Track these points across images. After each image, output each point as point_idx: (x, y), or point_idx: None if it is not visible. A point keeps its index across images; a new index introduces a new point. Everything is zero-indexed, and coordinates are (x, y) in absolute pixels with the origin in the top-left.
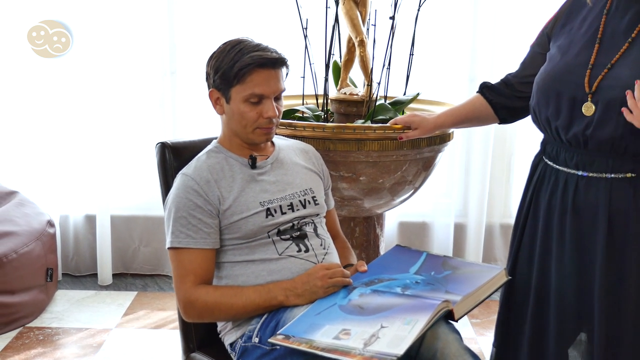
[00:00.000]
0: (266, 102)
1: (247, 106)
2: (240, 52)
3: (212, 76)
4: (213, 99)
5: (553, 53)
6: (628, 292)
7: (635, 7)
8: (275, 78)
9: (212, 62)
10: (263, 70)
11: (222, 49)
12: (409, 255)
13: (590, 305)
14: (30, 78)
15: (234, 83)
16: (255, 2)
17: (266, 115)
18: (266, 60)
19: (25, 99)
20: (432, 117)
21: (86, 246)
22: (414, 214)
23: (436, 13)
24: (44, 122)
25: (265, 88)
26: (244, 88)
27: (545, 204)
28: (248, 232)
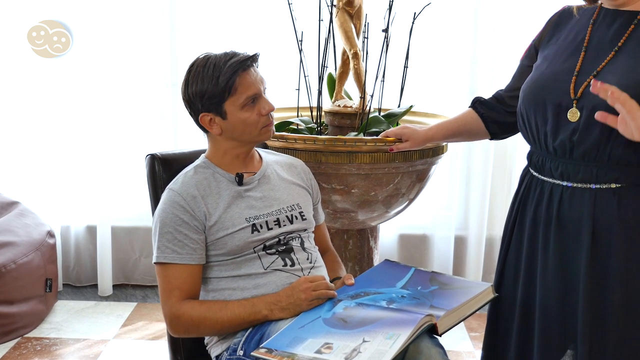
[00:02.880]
0: (260, 100)
1: (246, 112)
2: (217, 67)
3: (197, 101)
4: (206, 123)
5: (539, 63)
6: (612, 305)
7: (622, 17)
8: (257, 74)
9: (191, 88)
10: (245, 73)
11: (194, 72)
12: (397, 270)
13: (574, 319)
14: (31, 82)
15: (226, 97)
16: (253, 15)
17: (264, 111)
18: (243, 62)
19: (26, 106)
20: (423, 129)
21: (87, 257)
22: (414, 227)
23: (437, 25)
24: (45, 132)
25: (256, 87)
26: (237, 97)
27: (531, 215)
28: (234, 248)
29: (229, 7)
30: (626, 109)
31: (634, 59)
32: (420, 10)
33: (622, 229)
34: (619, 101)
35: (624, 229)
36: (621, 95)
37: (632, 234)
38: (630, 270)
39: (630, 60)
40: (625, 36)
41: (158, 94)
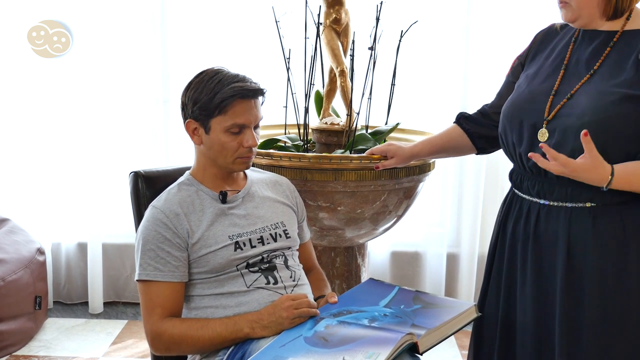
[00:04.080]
0: (247, 132)
1: (228, 136)
2: (220, 83)
3: (190, 107)
4: (190, 130)
5: (521, 82)
6: (588, 322)
7: (600, 38)
8: (255, 107)
9: (190, 93)
10: (244, 101)
11: (199, 79)
12: (381, 289)
13: (552, 335)
14: (27, 90)
15: (214, 114)
16: (242, 33)
17: (246, 144)
18: (247, 91)
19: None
20: (409, 146)
21: (78, 274)
22: (406, 244)
23: (429, 42)
24: (37, 148)
25: (247, 118)
26: (225, 119)
27: (510, 232)
28: (216, 266)
29: (219, 25)
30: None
31: (607, 81)
32: (407, 28)
33: (597, 247)
34: (561, 164)
35: (598, 248)
36: (559, 157)
37: (607, 253)
38: (605, 288)
39: (602, 82)
40: (602, 58)
41: (149, 111)
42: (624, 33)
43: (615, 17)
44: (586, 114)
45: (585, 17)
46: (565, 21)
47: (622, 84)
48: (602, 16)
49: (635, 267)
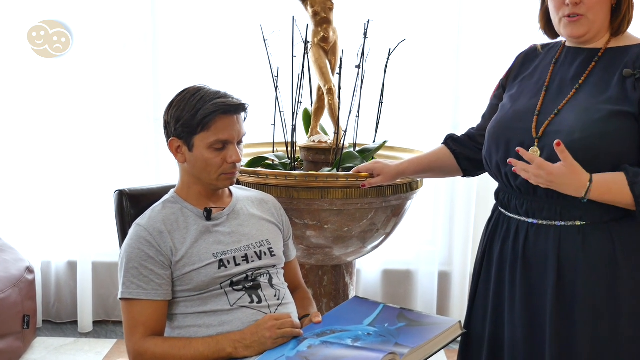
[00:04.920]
0: (230, 148)
1: (211, 152)
2: (202, 100)
3: (172, 125)
4: (173, 148)
5: (505, 102)
6: (579, 342)
7: (583, 55)
8: (238, 123)
9: (172, 111)
10: (226, 117)
11: (181, 97)
12: (365, 307)
13: (542, 355)
14: (21, 100)
15: (197, 131)
16: (232, 51)
17: (230, 160)
18: (229, 107)
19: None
20: (395, 164)
21: (67, 293)
22: (398, 262)
23: (420, 60)
24: (27, 167)
25: (230, 133)
26: (208, 135)
27: (498, 252)
28: (200, 284)
29: (209, 44)
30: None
31: (593, 97)
32: (395, 46)
33: (587, 266)
34: (537, 165)
35: (588, 267)
36: (535, 159)
37: (597, 271)
38: (596, 307)
39: (588, 98)
40: (586, 74)
41: (140, 129)
42: (607, 50)
43: (620, 33)
44: (575, 130)
45: (594, 31)
46: (572, 36)
47: (608, 101)
48: (606, 32)
49: (625, 285)
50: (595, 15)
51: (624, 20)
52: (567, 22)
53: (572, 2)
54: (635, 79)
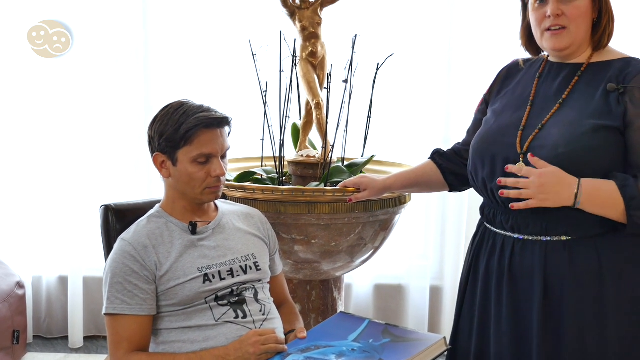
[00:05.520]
0: (214, 161)
1: (195, 166)
2: (185, 114)
3: (156, 140)
4: (158, 163)
5: (488, 117)
6: (565, 358)
7: (566, 70)
8: (221, 137)
9: (156, 126)
10: (209, 131)
11: (164, 112)
12: (351, 322)
13: None
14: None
15: (180, 145)
16: (222, 67)
17: (214, 174)
18: (212, 121)
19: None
20: (381, 179)
21: (58, 308)
22: (389, 277)
23: (408, 75)
24: (18, 182)
25: (213, 147)
26: (191, 149)
27: (484, 268)
28: (184, 298)
29: (199, 59)
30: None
31: (577, 111)
32: (383, 61)
33: (573, 281)
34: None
35: (575, 282)
36: (523, 169)
37: (583, 286)
38: (582, 322)
39: (573, 112)
40: (569, 88)
41: (132, 144)
42: (590, 65)
43: (601, 47)
44: (559, 145)
45: (576, 45)
46: (554, 48)
47: (592, 115)
48: (588, 46)
49: (611, 300)
50: (577, 27)
51: (604, 34)
52: (550, 35)
53: (554, 13)
54: (619, 93)
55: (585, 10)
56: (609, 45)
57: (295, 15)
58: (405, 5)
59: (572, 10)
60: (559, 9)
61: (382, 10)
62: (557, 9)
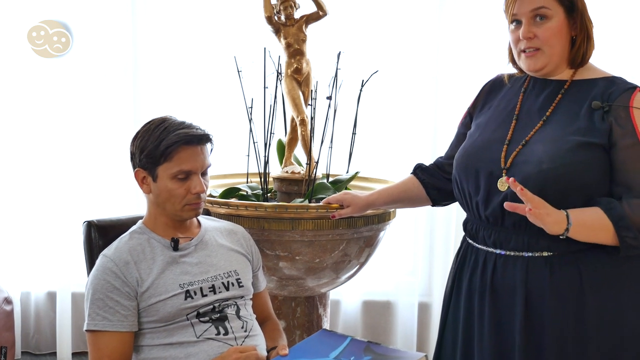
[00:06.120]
0: (194, 178)
1: (175, 183)
2: (166, 131)
3: (137, 156)
4: (139, 179)
5: (472, 131)
6: None
7: (551, 86)
8: (202, 154)
9: (137, 141)
10: (189, 147)
11: (146, 128)
12: (333, 339)
13: None
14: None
15: (160, 161)
16: (209, 83)
17: (194, 190)
18: (192, 137)
19: None
20: (364, 195)
21: (47, 323)
22: (378, 293)
23: (398, 91)
24: (6, 198)
25: (193, 164)
26: (171, 165)
27: (467, 283)
28: (166, 315)
29: (186, 74)
30: (533, 206)
31: (561, 128)
32: (368, 78)
33: (554, 296)
34: (526, 199)
35: (556, 297)
36: (527, 194)
37: (564, 302)
38: (563, 338)
39: (557, 129)
40: (553, 105)
41: (120, 160)
42: (574, 82)
43: (581, 65)
44: (544, 161)
45: (553, 65)
46: (530, 70)
47: (577, 132)
48: (567, 65)
49: (593, 315)
50: (552, 48)
51: (578, 53)
52: (525, 57)
53: (525, 37)
54: (603, 111)
55: (557, 31)
56: (592, 64)
57: (280, 32)
58: (391, 21)
59: (543, 32)
60: (531, 31)
61: (367, 27)
62: (529, 31)
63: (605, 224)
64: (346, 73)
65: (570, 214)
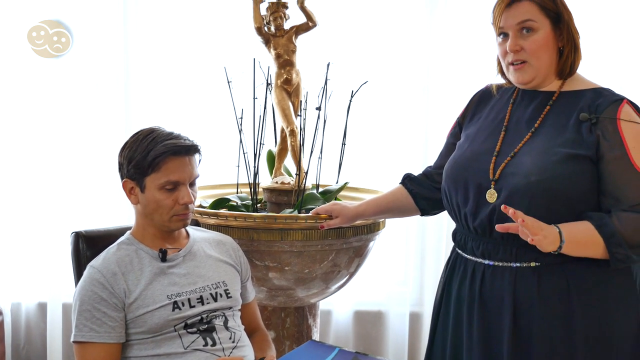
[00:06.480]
0: (181, 189)
1: (162, 194)
2: (154, 141)
3: (125, 166)
4: (127, 189)
5: (462, 142)
6: None
7: (539, 98)
8: (190, 165)
9: (125, 152)
10: (177, 158)
11: (134, 138)
12: (321, 350)
13: None
14: None
15: (148, 172)
16: (198, 92)
17: (182, 201)
18: (180, 148)
19: None
20: (353, 205)
21: (38, 335)
22: (369, 303)
23: (387, 102)
24: None
25: (181, 175)
26: (158, 176)
27: (456, 294)
28: (153, 326)
29: (176, 85)
30: (532, 233)
31: (549, 140)
32: (357, 88)
33: (542, 307)
34: (524, 225)
35: (544, 308)
36: (526, 223)
37: (552, 312)
38: (551, 347)
39: (545, 141)
40: (541, 117)
41: (112, 171)
42: (562, 93)
43: (569, 75)
44: (532, 173)
45: (541, 77)
46: (518, 82)
47: (565, 144)
48: (555, 76)
49: (580, 325)
50: (539, 60)
51: (566, 63)
52: (513, 70)
53: (512, 50)
54: (591, 123)
55: (543, 43)
56: (580, 74)
57: (270, 43)
58: (381, 32)
59: (530, 45)
60: (517, 44)
61: (357, 38)
62: (516, 44)
63: (597, 240)
64: (336, 83)
65: (563, 231)
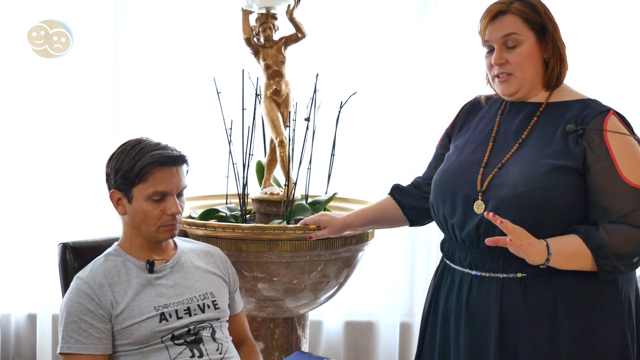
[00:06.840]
0: (169, 199)
1: (150, 204)
2: (141, 152)
3: (112, 177)
4: (114, 200)
5: (451, 153)
6: None
7: (526, 109)
8: (177, 175)
9: (112, 162)
10: (164, 168)
11: (121, 149)
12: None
13: None
14: None
15: (135, 182)
16: (185, 103)
17: (169, 212)
18: (167, 158)
19: None
20: (342, 216)
21: (27, 346)
22: (360, 313)
23: (376, 113)
24: None
25: (168, 185)
26: (146, 187)
27: (443, 304)
28: (140, 338)
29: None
30: (515, 237)
31: (536, 151)
32: (347, 99)
33: (528, 317)
34: (507, 231)
35: (529, 317)
36: (507, 226)
37: (538, 322)
38: (538, 358)
39: (532, 152)
40: (529, 128)
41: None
42: (549, 105)
43: (556, 86)
44: (519, 184)
45: (527, 88)
46: (504, 94)
47: (552, 155)
48: (541, 87)
49: (566, 335)
50: (524, 72)
51: (552, 75)
52: (498, 82)
53: (497, 63)
54: (578, 134)
55: (528, 55)
56: (567, 85)
57: (259, 54)
58: (370, 43)
59: (514, 58)
60: (502, 57)
61: (346, 49)
62: (500, 57)
63: (585, 253)
64: (325, 94)
65: (551, 244)
